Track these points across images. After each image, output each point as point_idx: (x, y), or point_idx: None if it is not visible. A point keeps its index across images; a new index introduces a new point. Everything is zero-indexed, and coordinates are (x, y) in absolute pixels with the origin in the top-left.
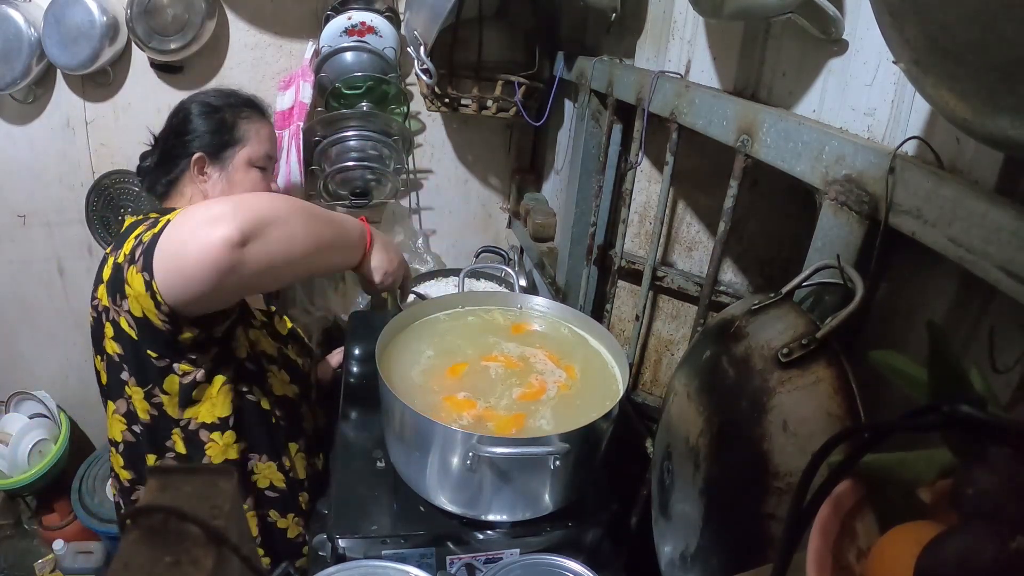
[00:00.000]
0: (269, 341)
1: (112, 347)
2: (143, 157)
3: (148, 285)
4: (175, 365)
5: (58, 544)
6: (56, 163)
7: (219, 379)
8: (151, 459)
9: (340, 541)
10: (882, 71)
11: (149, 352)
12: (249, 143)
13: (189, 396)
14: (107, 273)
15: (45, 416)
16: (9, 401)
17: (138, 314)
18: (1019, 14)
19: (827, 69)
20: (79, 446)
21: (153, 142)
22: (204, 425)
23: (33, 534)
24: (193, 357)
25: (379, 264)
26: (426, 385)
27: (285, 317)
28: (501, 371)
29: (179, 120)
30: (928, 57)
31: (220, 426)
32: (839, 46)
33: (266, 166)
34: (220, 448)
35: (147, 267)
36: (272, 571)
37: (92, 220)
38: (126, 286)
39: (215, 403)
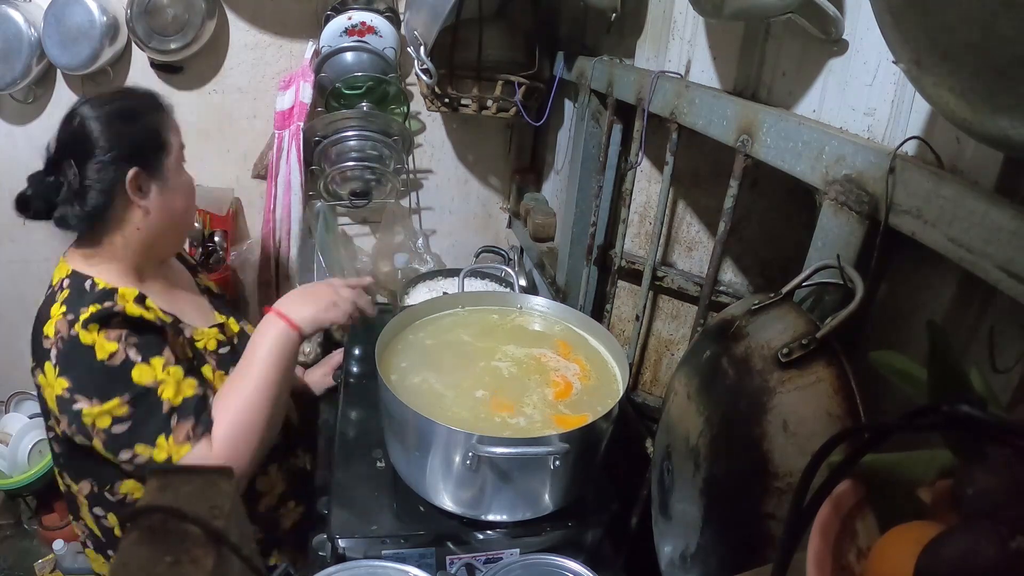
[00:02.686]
0: (220, 375)
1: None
2: (35, 183)
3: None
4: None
5: (58, 544)
6: None
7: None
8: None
9: (340, 541)
10: (882, 71)
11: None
12: (172, 145)
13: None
14: (45, 385)
15: None
16: (9, 401)
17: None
18: (1019, 14)
19: (827, 69)
20: None
21: (48, 164)
22: None
23: (33, 534)
24: None
25: (306, 316)
26: (426, 385)
27: (236, 326)
28: (516, 371)
29: (87, 136)
30: (928, 57)
31: None
32: (839, 46)
33: (182, 160)
34: None
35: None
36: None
37: None
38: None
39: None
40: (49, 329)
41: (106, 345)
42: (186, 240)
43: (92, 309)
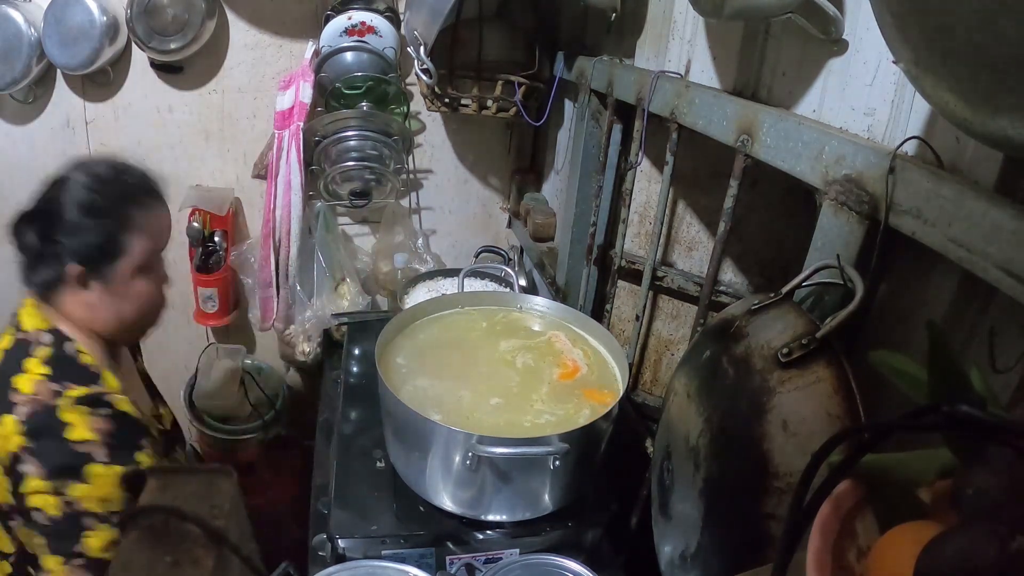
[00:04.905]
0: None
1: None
2: (21, 225)
3: None
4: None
5: None
6: (56, 163)
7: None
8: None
9: (340, 541)
10: (882, 71)
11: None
12: (131, 252)
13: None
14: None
15: None
16: None
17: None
18: (1019, 14)
19: (827, 69)
20: None
21: (30, 212)
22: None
23: None
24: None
25: None
26: (426, 384)
27: (168, 415)
28: (519, 360)
29: (54, 208)
30: (928, 57)
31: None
32: (839, 46)
33: (154, 264)
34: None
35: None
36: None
37: None
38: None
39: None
40: (23, 384)
41: (83, 430)
42: (141, 337)
43: (82, 391)
